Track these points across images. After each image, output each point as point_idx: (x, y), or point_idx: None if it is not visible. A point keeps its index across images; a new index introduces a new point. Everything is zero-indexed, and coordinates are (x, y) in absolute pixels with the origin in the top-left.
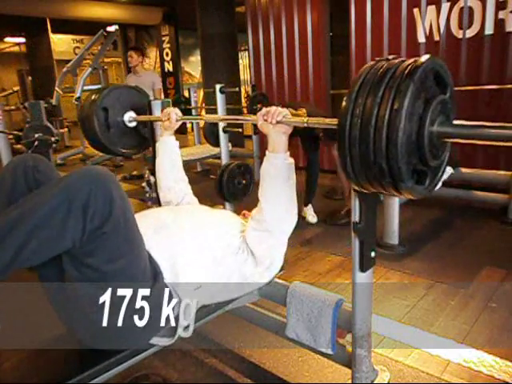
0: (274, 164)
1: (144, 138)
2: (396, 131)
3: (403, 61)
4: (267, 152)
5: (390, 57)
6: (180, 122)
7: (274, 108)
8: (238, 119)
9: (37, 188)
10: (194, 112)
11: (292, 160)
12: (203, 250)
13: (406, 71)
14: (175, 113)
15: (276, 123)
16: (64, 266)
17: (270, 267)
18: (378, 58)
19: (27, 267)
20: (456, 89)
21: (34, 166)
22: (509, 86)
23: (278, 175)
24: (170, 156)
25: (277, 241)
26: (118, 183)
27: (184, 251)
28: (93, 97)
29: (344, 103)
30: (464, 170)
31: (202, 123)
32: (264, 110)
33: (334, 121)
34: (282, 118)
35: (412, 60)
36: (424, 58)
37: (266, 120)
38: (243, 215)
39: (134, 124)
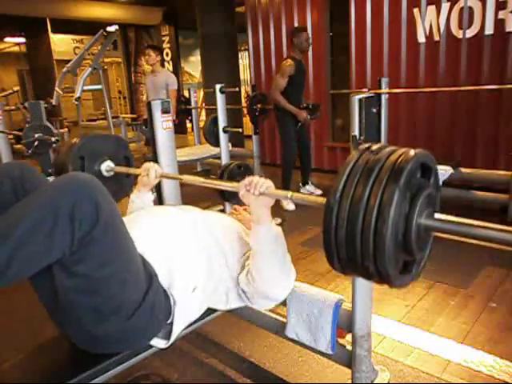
0: (261, 237)
1: (121, 187)
2: (383, 240)
3: (389, 155)
4: (253, 224)
5: (375, 147)
6: (158, 180)
7: (257, 178)
8: (219, 184)
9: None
10: (193, 112)
11: (278, 229)
12: (199, 252)
13: (393, 173)
14: (155, 169)
15: (259, 194)
16: (55, 276)
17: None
18: (362, 148)
19: (20, 279)
20: (456, 89)
21: (20, 175)
22: (509, 86)
23: (265, 247)
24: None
25: (270, 299)
26: (103, 188)
27: (179, 253)
28: (70, 144)
29: (327, 203)
30: (464, 169)
31: (201, 123)
32: (247, 179)
33: (322, 200)
34: (265, 190)
35: (397, 156)
36: (411, 153)
37: (248, 190)
38: (234, 209)
39: (111, 174)
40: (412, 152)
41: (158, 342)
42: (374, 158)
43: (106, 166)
